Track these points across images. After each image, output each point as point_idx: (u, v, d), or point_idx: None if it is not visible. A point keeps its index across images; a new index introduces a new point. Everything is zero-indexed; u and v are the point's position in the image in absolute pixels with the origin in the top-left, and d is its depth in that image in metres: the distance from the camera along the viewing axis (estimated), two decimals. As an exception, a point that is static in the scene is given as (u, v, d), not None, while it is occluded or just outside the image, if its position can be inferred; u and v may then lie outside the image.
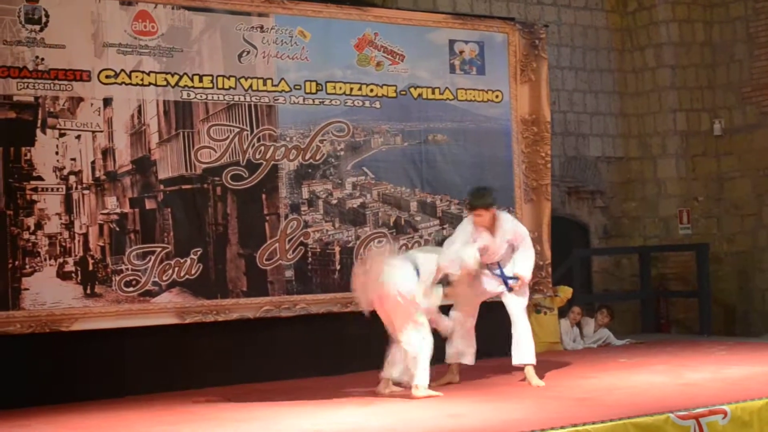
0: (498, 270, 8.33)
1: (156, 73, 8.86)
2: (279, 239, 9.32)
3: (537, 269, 10.55)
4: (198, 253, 8.91)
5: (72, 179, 8.46)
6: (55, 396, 8.13)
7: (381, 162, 9.99)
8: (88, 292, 8.42)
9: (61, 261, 8.36)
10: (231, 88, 9.17)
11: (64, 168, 8.43)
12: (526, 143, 10.71)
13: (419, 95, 10.21)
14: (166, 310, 8.72)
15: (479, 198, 8.36)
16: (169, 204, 8.85)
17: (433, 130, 10.31)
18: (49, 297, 8.25)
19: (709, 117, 13.98)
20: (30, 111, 8.33)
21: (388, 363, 7.93)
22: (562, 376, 8.70)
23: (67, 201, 8.44)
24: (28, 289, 8.18)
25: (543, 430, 5.95)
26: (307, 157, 9.55)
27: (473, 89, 10.51)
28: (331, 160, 9.72)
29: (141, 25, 8.83)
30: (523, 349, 8.29)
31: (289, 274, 9.35)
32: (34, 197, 8.29)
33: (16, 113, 8.28)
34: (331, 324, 9.51)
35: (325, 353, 9.48)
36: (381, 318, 7.94)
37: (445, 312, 8.30)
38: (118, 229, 8.61)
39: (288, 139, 9.43)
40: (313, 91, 9.60)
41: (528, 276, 8.39)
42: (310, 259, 9.49)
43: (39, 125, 8.35)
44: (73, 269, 8.40)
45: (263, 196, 9.29)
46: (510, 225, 8.43)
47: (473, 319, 8.47)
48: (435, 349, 7.98)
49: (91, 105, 8.57)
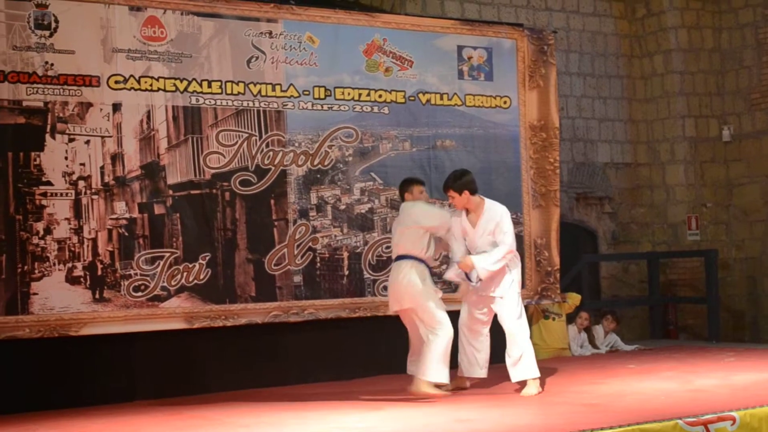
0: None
1: (165, 79, 8.88)
2: (287, 244, 9.33)
3: (545, 275, 10.60)
4: (206, 258, 8.92)
5: (81, 184, 8.48)
6: (64, 400, 8.15)
7: (389, 167, 9.99)
8: (96, 296, 8.44)
9: (70, 266, 8.37)
10: (240, 93, 9.19)
11: (73, 173, 8.45)
12: (534, 149, 10.70)
13: (428, 101, 10.21)
14: (174, 315, 8.73)
15: (449, 179, 8.33)
16: (178, 209, 8.86)
17: (442, 135, 10.31)
18: (58, 302, 8.27)
19: (718, 123, 13.98)
20: (39, 116, 8.35)
21: (411, 362, 8.27)
22: (570, 382, 8.68)
23: (76, 206, 8.46)
24: (37, 294, 8.20)
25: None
26: (316, 163, 9.56)
27: (481, 95, 10.50)
28: (340, 165, 9.72)
29: (150, 31, 8.85)
30: (524, 364, 8.11)
31: (298, 279, 9.36)
32: (43, 202, 8.31)
33: (25, 118, 8.30)
34: (340, 329, 9.52)
35: (334, 358, 9.49)
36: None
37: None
38: (126, 234, 8.62)
39: (296, 145, 9.44)
40: (322, 97, 9.61)
41: (481, 268, 8.04)
42: (318, 265, 9.50)
43: (48, 130, 8.37)
44: (82, 274, 8.41)
45: (272, 201, 9.30)
46: (494, 215, 8.20)
47: (482, 326, 8.40)
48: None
49: (101, 110, 8.59)
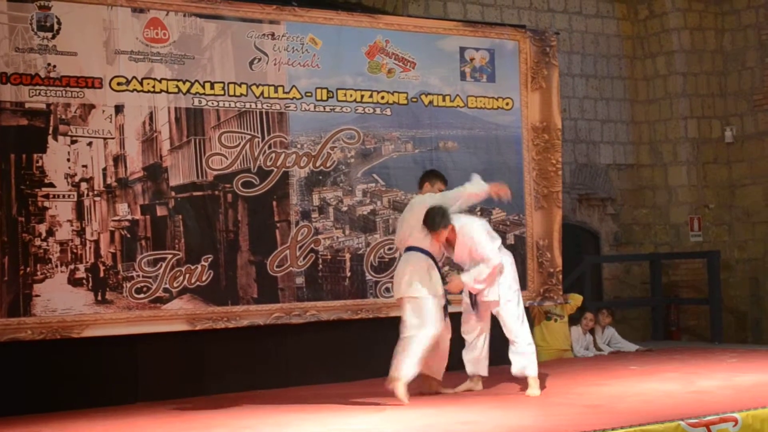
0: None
1: (167, 80, 8.88)
2: (290, 246, 9.33)
3: (547, 276, 10.60)
4: (209, 260, 8.93)
5: (83, 186, 8.49)
6: (66, 402, 8.15)
7: (392, 169, 10.00)
8: (99, 298, 8.44)
9: (73, 267, 8.38)
10: (242, 95, 9.19)
11: (75, 175, 8.46)
12: (536, 150, 10.70)
13: (430, 102, 10.21)
14: (176, 316, 8.73)
15: (435, 222, 7.92)
16: (181, 211, 8.87)
17: (444, 137, 10.31)
18: (61, 303, 8.27)
19: (721, 124, 13.98)
20: (42, 118, 8.36)
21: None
22: (573, 383, 8.68)
23: (79, 208, 8.46)
24: (39, 296, 8.20)
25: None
26: (318, 164, 9.56)
27: (484, 96, 10.50)
28: (342, 167, 9.73)
29: (153, 33, 8.86)
30: (526, 360, 8.13)
31: (300, 280, 9.36)
32: (45, 204, 8.31)
33: (28, 120, 8.31)
34: (342, 331, 9.52)
35: (336, 360, 9.49)
36: None
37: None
38: (129, 236, 8.63)
39: (299, 146, 9.45)
40: (324, 99, 9.61)
41: (470, 286, 8.04)
42: (320, 266, 9.50)
43: (51, 132, 8.38)
44: (84, 276, 8.42)
45: (274, 203, 9.30)
46: (465, 234, 8.04)
47: (484, 324, 8.39)
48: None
49: (103, 112, 8.59)
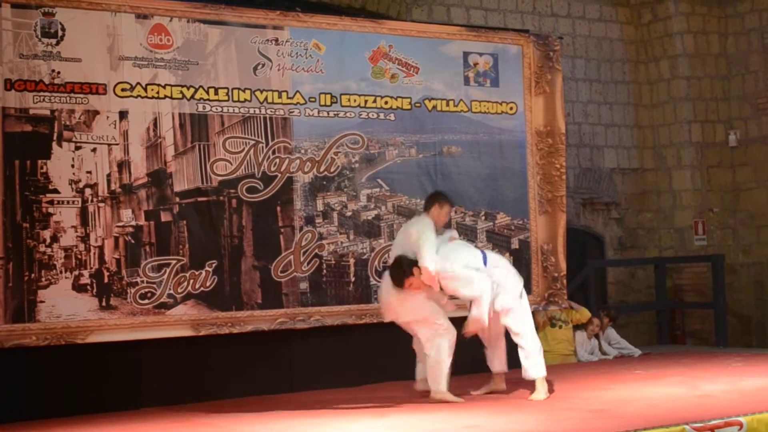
0: None
1: (171, 86, 8.89)
2: (294, 251, 9.34)
3: (552, 280, 10.59)
4: (213, 266, 8.93)
5: (88, 192, 8.49)
6: (71, 408, 8.16)
7: (395, 174, 10.00)
8: (103, 304, 8.45)
9: (77, 273, 8.38)
10: (246, 100, 9.20)
11: (79, 181, 8.47)
12: (540, 155, 10.69)
13: (434, 107, 10.21)
14: (181, 322, 8.73)
15: (405, 273, 8.09)
16: (185, 216, 8.88)
17: (448, 142, 10.31)
18: (65, 309, 8.27)
19: (725, 128, 13.98)
20: (46, 124, 8.37)
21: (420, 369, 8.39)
22: (577, 387, 8.68)
23: (83, 214, 8.47)
24: (44, 302, 8.20)
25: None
26: (322, 170, 9.56)
27: (487, 101, 10.50)
28: (346, 172, 9.73)
29: (157, 39, 8.87)
30: (531, 363, 8.20)
31: (304, 286, 9.36)
32: (50, 210, 8.32)
33: (32, 126, 8.32)
34: (346, 336, 9.52)
35: (340, 365, 9.48)
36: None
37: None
38: (133, 242, 8.64)
39: (303, 152, 9.45)
40: (328, 104, 9.62)
41: (480, 320, 8.05)
42: (324, 271, 9.50)
43: (55, 138, 8.39)
44: (89, 282, 8.42)
45: (278, 208, 9.30)
46: (446, 277, 8.09)
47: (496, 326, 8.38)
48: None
49: (107, 118, 8.60)
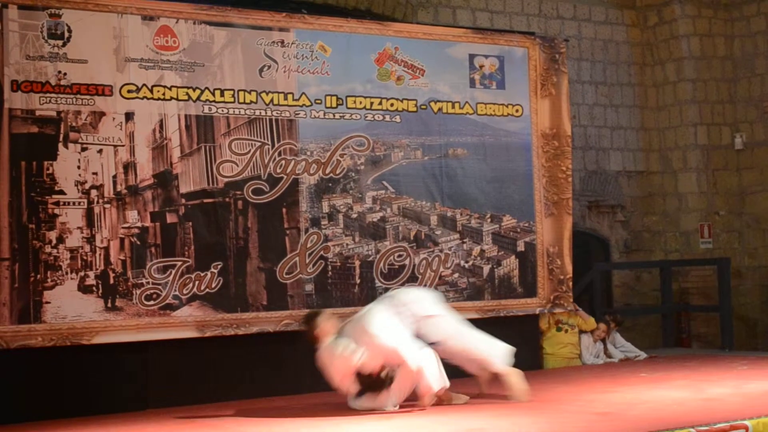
0: None
1: (177, 88, 8.91)
2: (299, 253, 9.34)
3: (558, 283, 10.59)
4: (218, 267, 8.94)
5: (93, 193, 8.51)
6: (76, 409, 8.16)
7: (401, 176, 10.01)
8: (108, 305, 8.46)
9: (83, 274, 8.40)
10: (252, 102, 9.21)
11: (85, 182, 8.48)
12: (546, 157, 10.70)
13: (439, 109, 10.22)
14: (186, 323, 8.74)
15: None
16: (191, 218, 8.89)
17: (454, 144, 10.32)
18: (71, 310, 8.29)
19: (731, 131, 13.96)
20: (52, 125, 8.39)
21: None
22: (582, 390, 8.66)
23: (89, 215, 8.48)
24: (49, 303, 8.22)
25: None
26: (328, 171, 9.57)
27: (493, 103, 10.51)
28: (352, 174, 9.74)
29: (163, 40, 8.88)
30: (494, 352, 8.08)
31: (309, 287, 9.37)
32: (56, 211, 8.34)
33: (38, 128, 8.34)
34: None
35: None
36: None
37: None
38: (139, 243, 8.65)
39: (308, 153, 9.46)
40: (334, 106, 9.63)
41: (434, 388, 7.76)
42: (330, 273, 9.51)
43: (61, 139, 8.41)
44: (94, 283, 8.44)
45: (284, 210, 9.31)
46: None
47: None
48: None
49: (113, 119, 8.62)
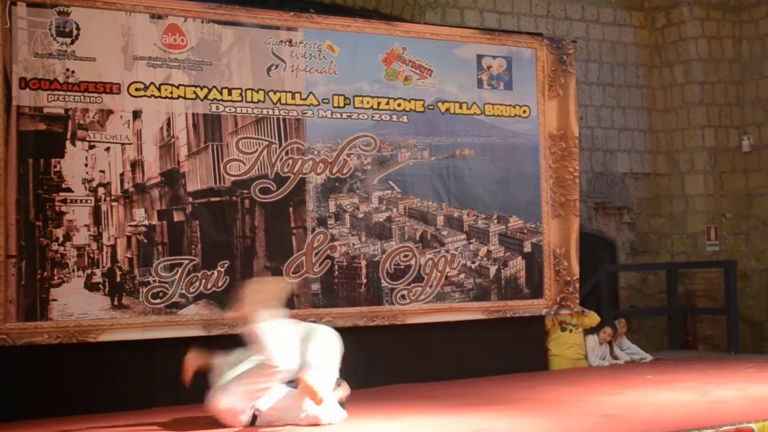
0: None
1: (185, 86, 8.91)
2: (306, 252, 9.34)
3: (564, 284, 10.57)
4: (225, 266, 8.94)
5: (101, 191, 8.52)
6: (83, 406, 8.17)
7: (408, 176, 10.00)
8: (115, 303, 8.47)
9: (89, 272, 8.41)
10: (260, 101, 9.21)
11: (93, 180, 8.49)
12: (553, 158, 10.69)
13: (447, 110, 10.21)
14: (192, 322, 8.74)
15: None
16: (198, 216, 8.89)
17: (461, 144, 10.31)
18: (77, 308, 8.30)
19: (738, 133, 13.94)
20: (60, 123, 8.40)
21: None
22: (588, 392, 8.65)
23: (96, 213, 8.49)
24: (56, 300, 8.23)
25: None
26: (335, 171, 9.57)
27: (501, 104, 10.49)
28: (358, 174, 9.73)
29: (171, 39, 8.89)
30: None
31: (316, 287, 9.37)
32: (63, 209, 8.34)
33: (46, 125, 8.35)
34: (358, 337, 9.49)
35: (351, 366, 9.45)
36: None
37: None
38: (146, 241, 8.65)
39: (315, 153, 9.46)
40: (341, 105, 9.63)
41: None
42: (336, 273, 9.50)
43: (69, 137, 8.41)
44: (101, 280, 8.44)
45: (290, 209, 9.32)
46: None
47: None
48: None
49: (121, 117, 8.62)
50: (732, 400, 7.91)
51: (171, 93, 8.86)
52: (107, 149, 8.56)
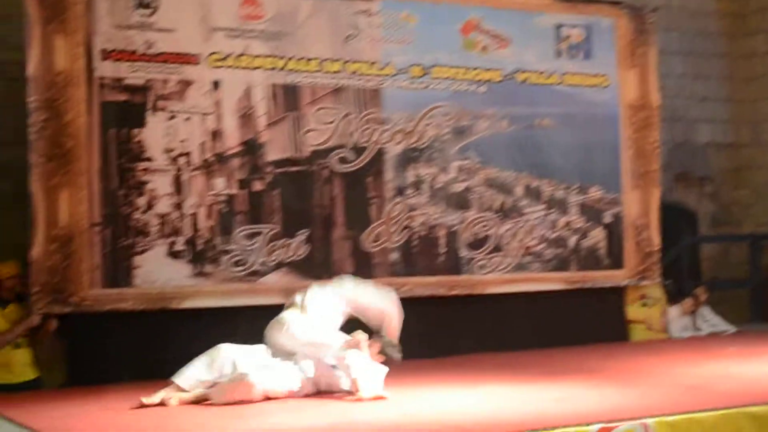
0: None
1: (263, 57, 8.94)
2: (384, 222, 9.35)
3: (645, 255, 10.46)
4: (304, 235, 8.99)
5: (181, 161, 8.59)
6: (165, 372, 8.24)
7: (486, 146, 9.93)
8: (197, 271, 8.56)
9: (172, 240, 8.50)
10: (337, 72, 9.22)
11: (173, 149, 8.57)
12: (633, 129, 10.57)
13: (525, 80, 10.13)
14: (272, 290, 8.78)
15: None
16: (277, 186, 8.94)
17: (540, 114, 10.22)
18: (160, 275, 8.42)
19: (823, 102, 13.64)
20: (140, 94, 8.48)
21: None
22: (671, 363, 8.55)
23: (177, 182, 8.58)
24: (139, 267, 8.35)
25: (654, 415, 5.85)
26: (413, 141, 9.55)
27: (580, 74, 10.40)
28: (437, 144, 9.70)
29: (249, 10, 8.93)
30: None
31: (394, 256, 9.37)
32: (144, 178, 8.44)
33: (127, 96, 8.44)
34: (437, 306, 9.50)
35: (432, 335, 9.45)
36: None
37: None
38: (226, 210, 8.73)
39: (393, 123, 9.45)
40: (419, 76, 9.60)
41: None
42: (415, 243, 9.49)
43: (149, 107, 8.50)
44: (183, 248, 8.54)
45: (369, 179, 9.32)
46: None
47: None
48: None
49: (200, 88, 8.69)
50: (818, 370, 7.78)
51: (249, 64, 8.90)
52: (187, 119, 8.63)
